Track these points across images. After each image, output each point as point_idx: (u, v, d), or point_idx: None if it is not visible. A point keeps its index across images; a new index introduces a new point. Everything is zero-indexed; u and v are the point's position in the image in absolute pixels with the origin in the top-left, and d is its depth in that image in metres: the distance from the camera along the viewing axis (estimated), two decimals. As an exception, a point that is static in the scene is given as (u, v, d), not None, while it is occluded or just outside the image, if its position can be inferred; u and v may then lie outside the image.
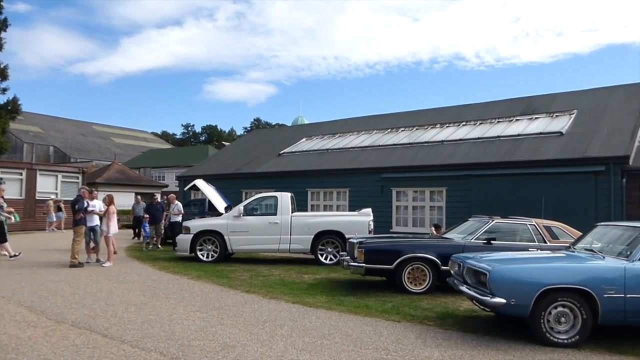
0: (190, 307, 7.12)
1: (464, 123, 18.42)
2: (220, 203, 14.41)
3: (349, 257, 9.19)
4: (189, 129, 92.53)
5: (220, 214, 13.44)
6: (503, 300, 5.44)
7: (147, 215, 15.91)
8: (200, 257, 12.55)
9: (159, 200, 17.13)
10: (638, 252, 5.62)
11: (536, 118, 16.60)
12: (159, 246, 15.76)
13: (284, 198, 12.90)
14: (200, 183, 14.88)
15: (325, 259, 12.50)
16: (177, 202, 15.81)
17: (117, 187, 30.19)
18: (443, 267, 8.23)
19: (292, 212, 12.83)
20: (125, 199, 18.81)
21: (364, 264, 8.58)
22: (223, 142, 57.84)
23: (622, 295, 5.40)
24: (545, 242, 8.61)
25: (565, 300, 5.44)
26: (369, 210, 12.79)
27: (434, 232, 12.82)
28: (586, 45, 59.55)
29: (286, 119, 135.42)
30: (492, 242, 8.52)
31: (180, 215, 15.50)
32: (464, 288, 6.16)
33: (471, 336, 5.80)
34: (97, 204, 11.67)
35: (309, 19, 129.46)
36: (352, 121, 23.99)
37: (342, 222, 12.59)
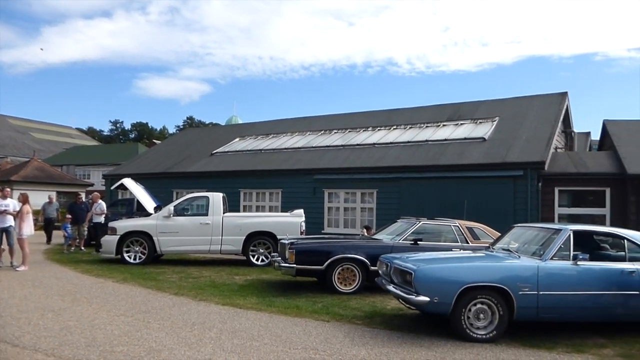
0: (114, 311, 6.86)
1: (394, 127, 18.94)
2: (149, 203, 13.96)
3: (280, 258, 9.20)
4: (118, 125, 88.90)
5: (149, 214, 13.02)
6: (427, 299, 5.65)
7: (70, 216, 15.10)
8: (127, 259, 12.09)
9: (84, 199, 16.32)
10: (550, 251, 6.03)
11: (462, 124, 17.37)
12: (82, 248, 15.02)
13: (216, 198, 12.71)
14: (128, 182, 14.34)
15: (257, 260, 12.43)
16: (100, 201, 15.12)
17: (36, 186, 28.43)
18: (372, 268, 8.42)
19: (223, 213, 12.66)
20: (44, 198, 17.72)
21: (295, 265, 8.62)
22: (154, 140, 56.00)
23: (536, 293, 5.77)
24: (468, 243, 9.03)
25: (484, 298, 5.74)
26: (301, 211, 12.87)
27: (365, 233, 13.10)
28: (509, 56, 63.45)
29: (220, 118, 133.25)
30: (418, 242, 8.83)
31: (103, 216, 14.82)
32: (391, 287, 6.35)
33: (397, 334, 5.99)
34: (10, 203, 10.92)
35: (245, 18, 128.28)
36: (286, 122, 24.02)
37: (274, 223, 12.57)
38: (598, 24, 56.98)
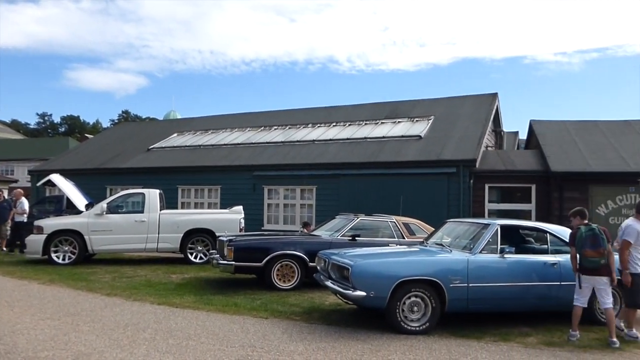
0: (39, 314, 6.52)
1: (334, 124, 19.13)
2: (80, 200, 13.36)
3: (218, 256, 9.08)
4: (46, 118, 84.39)
5: (80, 212, 12.46)
6: (363, 293, 5.77)
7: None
8: (55, 259, 11.49)
9: (5, 197, 15.35)
10: (479, 245, 6.32)
11: (399, 122, 17.80)
12: (4, 249, 14.14)
13: (152, 195, 12.34)
14: (56, 178, 13.65)
15: (195, 257, 12.20)
16: (23, 199, 14.27)
17: (-46, 182, 26.49)
18: (311, 264, 8.47)
19: (160, 210, 12.32)
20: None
21: (233, 262, 8.54)
22: (86, 135, 53.49)
23: (466, 285, 6.03)
24: (404, 238, 9.27)
25: (418, 291, 5.93)
26: (240, 208, 12.75)
27: (304, 229, 13.16)
28: (445, 57, 65.55)
29: (157, 112, 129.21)
30: (356, 238, 8.99)
31: (25, 215, 13.98)
32: (329, 283, 6.43)
33: (335, 328, 6.07)
34: None
35: (185, 10, 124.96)
36: (226, 118, 23.67)
37: (213, 220, 12.39)
38: (527, 29, 60.16)
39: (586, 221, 6.15)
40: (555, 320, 6.61)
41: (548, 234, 6.89)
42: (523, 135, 20.65)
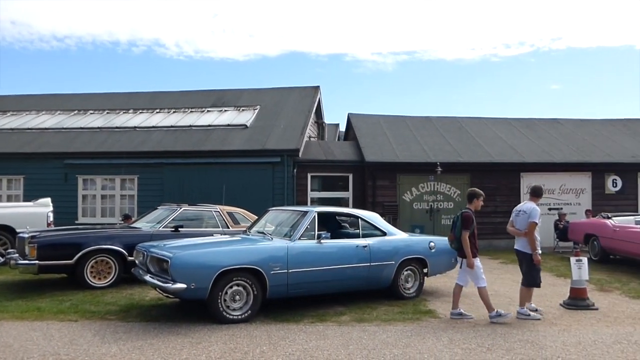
0: None
1: (158, 110, 18.24)
2: None
3: (17, 255, 8.04)
4: None
5: None
6: (184, 286, 5.62)
7: None
8: None
9: None
10: (298, 232, 6.59)
11: (225, 110, 17.68)
12: None
13: None
14: None
15: (-10, 258, 10.62)
16: None
17: None
18: (130, 258, 7.99)
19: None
20: None
21: (36, 261, 7.63)
22: None
23: (286, 271, 6.25)
24: (229, 227, 9.27)
25: (240, 280, 5.98)
26: (48, 200, 11.43)
27: (124, 222, 12.35)
28: (274, 49, 66.65)
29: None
30: (179, 229, 8.73)
31: None
32: (147, 277, 6.12)
33: (154, 325, 5.82)
34: None
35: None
36: (32, 98, 20.92)
37: (12, 214, 10.87)
38: (349, 28, 64.24)
39: (467, 205, 6.45)
40: (366, 299, 7.24)
41: (360, 220, 7.48)
42: (344, 127, 22.07)
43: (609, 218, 11.20)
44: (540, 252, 6.41)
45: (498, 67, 69.09)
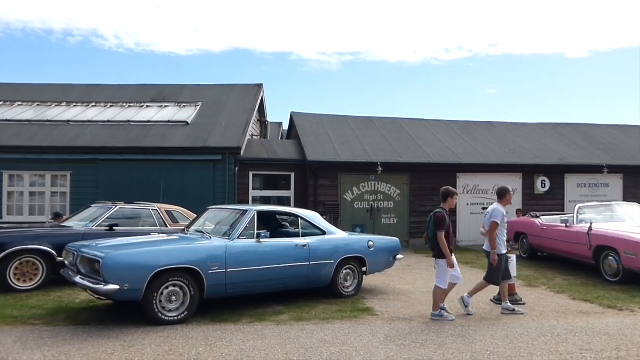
0: None
1: (94, 104, 17.47)
2: None
3: None
4: None
5: None
6: (117, 287, 5.42)
7: None
8: None
9: None
10: (237, 231, 6.52)
11: (166, 106, 17.19)
12: None
13: None
14: None
15: None
16: None
17: None
18: (60, 259, 7.62)
19: None
20: None
21: (-47, 263, 7.13)
22: None
23: (224, 271, 6.16)
24: (167, 226, 9.04)
25: (176, 280, 5.84)
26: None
27: (55, 220, 11.76)
28: (219, 45, 65.33)
29: None
30: (114, 228, 8.43)
31: None
32: (77, 279, 5.86)
33: (83, 329, 5.58)
34: None
35: None
36: (-49, 88, 19.51)
37: None
38: (295, 27, 64.13)
39: (441, 205, 6.46)
40: (305, 297, 7.26)
41: (300, 219, 7.49)
42: (287, 126, 22.01)
43: (537, 217, 11.78)
44: (505, 251, 6.62)
45: (438, 70, 71.27)
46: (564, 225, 10.12)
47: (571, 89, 69.80)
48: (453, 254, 6.29)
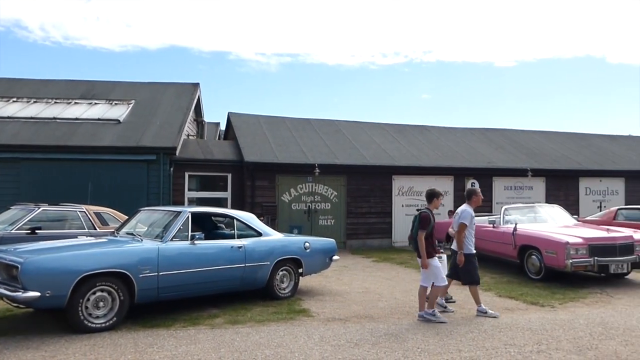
0: None
1: (15, 99, 16.42)
2: None
3: None
4: None
5: None
6: (37, 294, 5.10)
7: None
8: None
9: None
10: (170, 233, 6.34)
11: (96, 103, 16.45)
12: None
13: None
14: None
15: None
16: None
17: None
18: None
19: None
20: None
21: None
22: None
23: (156, 274, 5.97)
24: (96, 229, 8.66)
25: (104, 285, 5.59)
26: None
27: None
28: (154, 41, 63.23)
29: None
30: (37, 231, 7.97)
31: None
32: (-7, 286, 5.46)
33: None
34: None
35: None
36: None
37: None
38: (234, 26, 63.36)
39: (427, 205, 6.48)
40: (241, 300, 7.17)
41: (235, 220, 7.39)
42: (224, 126, 21.67)
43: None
44: (474, 251, 6.71)
45: (375, 74, 72.83)
46: (492, 225, 10.56)
47: (499, 96, 73.49)
48: (437, 255, 6.45)
